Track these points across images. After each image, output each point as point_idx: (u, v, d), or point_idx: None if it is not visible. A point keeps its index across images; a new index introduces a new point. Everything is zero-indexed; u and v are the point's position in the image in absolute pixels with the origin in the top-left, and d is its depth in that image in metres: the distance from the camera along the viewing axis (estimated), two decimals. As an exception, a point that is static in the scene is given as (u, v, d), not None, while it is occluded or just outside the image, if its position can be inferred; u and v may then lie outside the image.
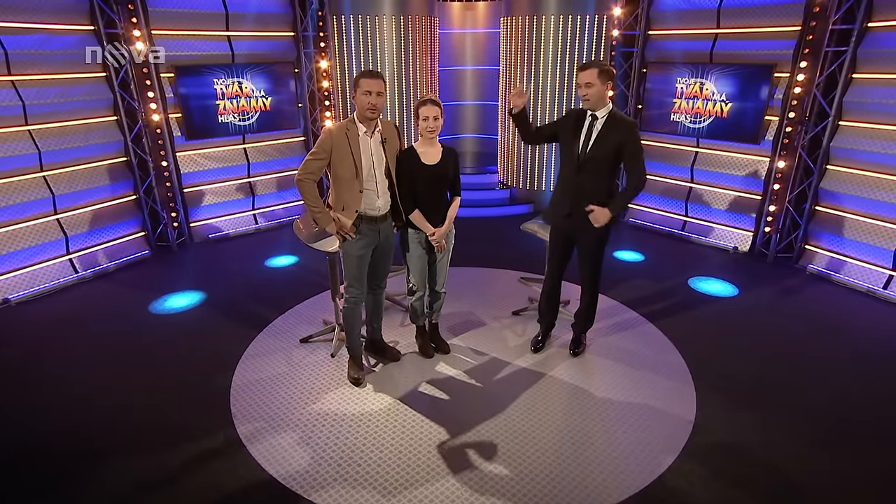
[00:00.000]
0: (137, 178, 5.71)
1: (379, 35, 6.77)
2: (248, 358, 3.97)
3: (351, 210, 3.27)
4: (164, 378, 3.75)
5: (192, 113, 5.96)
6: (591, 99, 3.30)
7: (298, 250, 5.93)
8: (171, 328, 4.42)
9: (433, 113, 3.34)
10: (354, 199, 3.27)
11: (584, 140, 3.38)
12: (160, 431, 3.22)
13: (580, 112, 3.43)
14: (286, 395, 3.56)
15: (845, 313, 4.68)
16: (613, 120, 3.34)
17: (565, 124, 3.48)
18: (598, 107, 3.33)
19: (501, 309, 4.66)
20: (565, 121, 3.50)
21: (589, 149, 3.37)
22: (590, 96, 3.29)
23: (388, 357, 3.91)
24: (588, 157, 3.38)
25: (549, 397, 3.52)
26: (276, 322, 4.47)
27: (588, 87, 3.27)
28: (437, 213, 3.49)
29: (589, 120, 3.37)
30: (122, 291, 5.11)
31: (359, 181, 3.23)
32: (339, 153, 3.16)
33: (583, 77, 3.29)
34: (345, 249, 3.38)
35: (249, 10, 6.09)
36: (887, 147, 4.82)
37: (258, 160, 6.68)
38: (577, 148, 3.41)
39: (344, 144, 3.15)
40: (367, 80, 3.09)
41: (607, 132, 3.33)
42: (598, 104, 3.32)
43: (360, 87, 3.09)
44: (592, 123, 3.37)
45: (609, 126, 3.33)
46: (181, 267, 5.74)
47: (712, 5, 5.69)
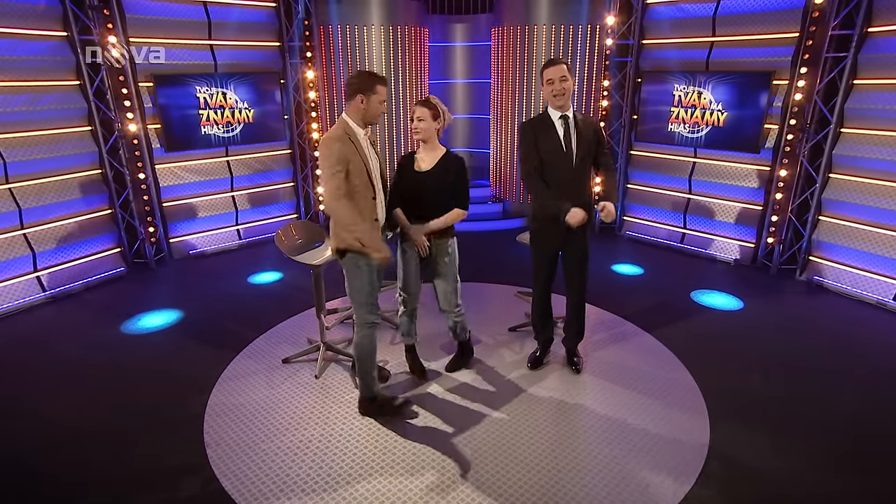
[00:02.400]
0: (113, 192, 5.42)
1: (367, 46, 6.61)
2: (225, 381, 3.67)
3: (370, 221, 2.94)
4: (131, 404, 3.43)
5: (172, 124, 5.72)
6: (566, 95, 3.19)
7: (283, 266, 5.65)
8: (143, 349, 4.11)
9: (417, 114, 3.16)
10: (370, 208, 2.95)
11: (566, 142, 3.25)
12: (121, 464, 2.90)
13: (542, 117, 3.29)
14: (266, 420, 3.25)
15: (855, 327, 4.48)
16: (580, 116, 3.32)
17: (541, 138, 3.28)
18: (567, 105, 3.24)
19: (498, 325, 4.41)
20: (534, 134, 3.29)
21: (577, 149, 3.26)
22: (566, 92, 3.18)
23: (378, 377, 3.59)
24: (579, 157, 3.27)
25: (551, 420, 3.25)
26: (256, 342, 4.17)
27: (563, 83, 3.17)
28: (421, 221, 3.27)
29: (561, 122, 3.24)
30: (92, 311, 4.79)
31: (372, 187, 2.95)
32: (353, 162, 2.85)
33: (556, 71, 3.16)
34: (353, 266, 3.00)
35: (232, 18, 5.90)
36: (892, 154, 4.68)
37: (242, 173, 6.43)
38: (562, 149, 3.26)
39: (353, 151, 2.84)
40: (385, 89, 2.92)
41: (583, 129, 3.26)
42: (569, 102, 3.24)
43: (378, 95, 2.86)
44: (567, 123, 3.25)
45: (581, 122, 3.27)
46: (158, 284, 5.43)
47: (707, 13, 5.59)
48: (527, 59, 6.69)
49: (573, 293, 3.59)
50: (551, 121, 3.25)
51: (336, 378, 3.70)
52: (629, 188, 6.73)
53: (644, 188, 6.57)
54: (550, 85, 3.17)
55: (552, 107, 3.25)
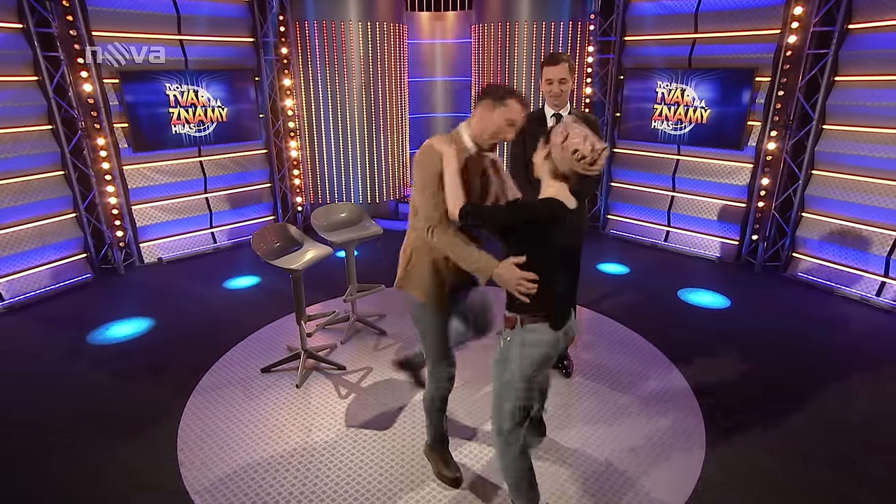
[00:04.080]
0: (77, 194, 5.13)
1: (345, 42, 6.43)
2: (200, 392, 3.47)
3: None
4: (98, 420, 3.20)
5: (140, 123, 5.44)
6: (563, 96, 3.07)
7: (260, 270, 5.44)
8: (111, 361, 3.87)
9: (558, 74, 3.03)
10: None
11: None
12: (88, 485, 2.69)
13: (537, 114, 3.15)
14: (244, 434, 3.07)
15: (844, 324, 4.48)
16: (580, 114, 3.13)
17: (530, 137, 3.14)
18: (563, 105, 3.12)
19: (485, 328, 4.28)
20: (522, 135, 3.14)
21: None
22: (563, 93, 3.06)
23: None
24: None
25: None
26: (233, 351, 3.97)
27: (562, 84, 3.04)
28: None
29: (553, 121, 3.12)
30: (55, 321, 4.51)
31: None
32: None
33: (557, 72, 3.02)
34: (434, 306, 2.41)
35: (203, 13, 5.65)
36: (873, 150, 4.70)
37: (216, 174, 6.17)
38: None
39: (464, 168, 2.23)
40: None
41: None
42: (565, 102, 3.12)
43: (508, 108, 2.18)
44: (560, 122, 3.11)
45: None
46: (128, 291, 5.16)
47: (689, 10, 5.56)
48: (508, 56, 6.59)
49: None
50: (545, 119, 3.14)
51: (318, 387, 3.53)
52: (613, 186, 6.68)
53: (628, 186, 6.52)
54: (549, 85, 3.05)
55: (550, 104, 3.13)
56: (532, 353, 2.09)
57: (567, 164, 1.99)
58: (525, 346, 2.09)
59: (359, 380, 3.62)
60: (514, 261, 2.03)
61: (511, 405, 2.14)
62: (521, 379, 2.10)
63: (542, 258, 2.03)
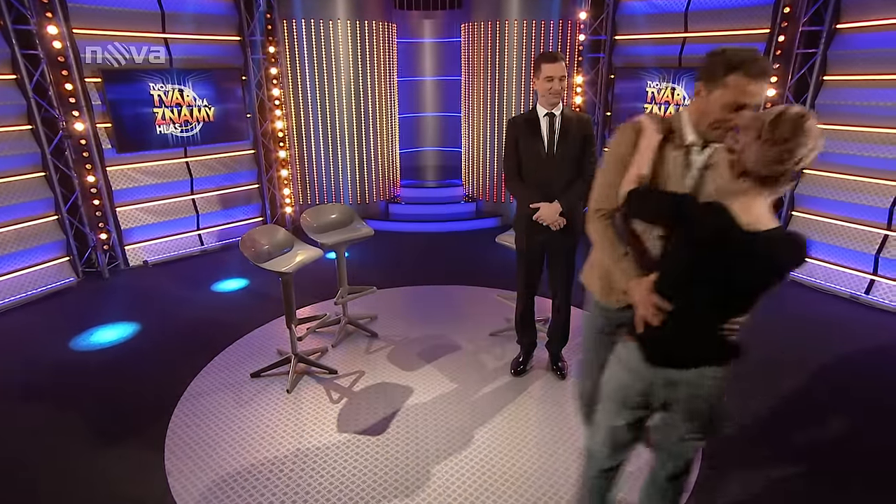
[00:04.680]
0: (59, 196, 5.00)
1: (333, 41, 6.35)
2: (188, 399, 3.38)
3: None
4: (82, 429, 3.11)
5: (123, 123, 5.33)
6: (561, 94, 3.05)
7: (249, 273, 5.35)
8: (95, 367, 3.77)
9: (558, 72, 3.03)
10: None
11: (549, 140, 3.11)
12: (72, 498, 2.60)
13: (530, 114, 3.14)
14: (234, 441, 2.99)
15: (834, 323, 4.48)
16: (571, 114, 3.15)
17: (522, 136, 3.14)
18: (558, 103, 3.10)
19: (477, 330, 4.24)
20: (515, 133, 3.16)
21: (556, 148, 3.12)
22: (563, 91, 3.05)
23: None
24: (560, 158, 3.13)
25: (540, 433, 3.10)
26: (222, 355, 3.89)
27: (562, 81, 3.02)
28: None
29: (546, 119, 3.10)
30: (37, 326, 4.39)
31: None
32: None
33: (558, 69, 3.00)
34: (620, 357, 1.84)
35: (188, 10, 5.54)
36: (862, 149, 4.73)
37: (203, 175, 6.06)
38: (543, 150, 3.12)
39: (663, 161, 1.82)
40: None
41: (571, 128, 3.10)
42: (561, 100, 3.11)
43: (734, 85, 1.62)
44: (553, 121, 3.10)
45: (570, 122, 3.11)
46: (112, 295, 5.05)
47: (679, 9, 5.57)
48: (498, 55, 6.55)
49: (558, 297, 3.44)
50: (538, 118, 3.11)
51: (309, 392, 3.46)
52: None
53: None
54: (549, 82, 3.00)
55: (544, 104, 3.09)
56: (610, 371, 1.86)
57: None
58: (613, 362, 1.85)
59: (351, 384, 3.56)
60: (653, 279, 1.68)
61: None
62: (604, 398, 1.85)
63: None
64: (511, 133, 3.16)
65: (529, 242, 3.31)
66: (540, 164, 3.13)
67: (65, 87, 4.82)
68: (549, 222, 3.12)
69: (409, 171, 8.09)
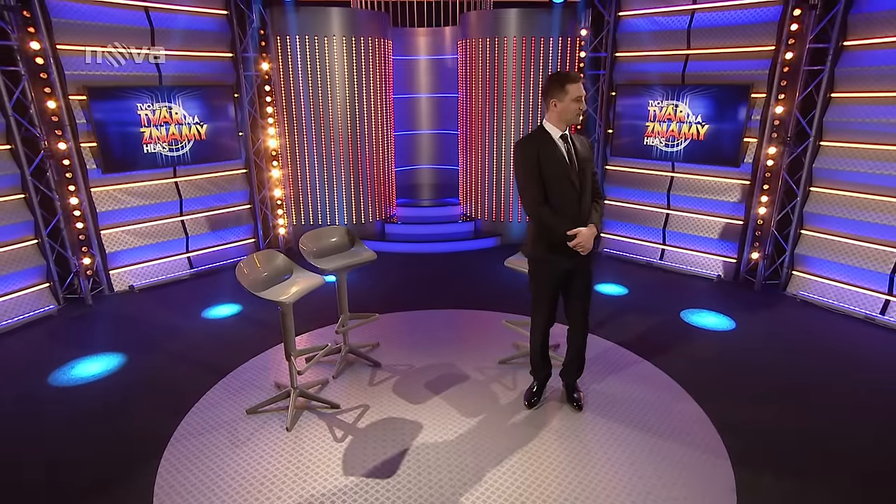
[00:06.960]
0: (39, 219, 4.73)
1: (329, 58, 6.19)
2: (178, 439, 3.12)
3: None
4: (62, 475, 2.83)
5: (109, 142, 5.09)
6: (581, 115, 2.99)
7: (242, 298, 5.09)
8: (75, 405, 3.48)
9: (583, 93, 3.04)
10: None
11: (571, 163, 2.96)
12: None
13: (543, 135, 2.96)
14: (230, 486, 2.73)
15: (853, 345, 4.35)
16: (577, 137, 3.07)
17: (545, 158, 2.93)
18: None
19: (484, 358, 4.03)
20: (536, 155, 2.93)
21: (578, 171, 2.99)
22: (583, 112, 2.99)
23: None
24: (581, 179, 3.00)
25: (557, 467, 2.88)
26: (214, 390, 3.63)
27: (583, 102, 2.96)
28: None
29: (562, 140, 2.96)
30: (13, 359, 4.10)
31: None
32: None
33: (582, 89, 2.91)
34: None
35: (178, 26, 5.35)
36: (872, 167, 4.64)
37: (193, 195, 5.83)
38: (571, 173, 2.96)
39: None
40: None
41: (581, 149, 3.01)
42: None
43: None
44: (569, 143, 2.98)
45: (579, 143, 3.02)
46: (96, 324, 4.76)
47: (682, 26, 5.50)
48: (497, 72, 6.44)
49: (577, 329, 3.26)
50: (553, 139, 2.94)
51: (310, 429, 3.21)
52: (606, 204, 6.54)
53: (621, 204, 6.39)
54: (577, 103, 2.87)
55: (559, 125, 2.93)
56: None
57: None
58: None
59: (355, 419, 3.32)
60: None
61: None
62: None
63: None
64: (530, 157, 2.93)
65: (554, 272, 3.12)
66: (569, 189, 2.96)
67: (47, 105, 4.59)
68: (588, 249, 2.96)
69: (406, 189, 7.92)
